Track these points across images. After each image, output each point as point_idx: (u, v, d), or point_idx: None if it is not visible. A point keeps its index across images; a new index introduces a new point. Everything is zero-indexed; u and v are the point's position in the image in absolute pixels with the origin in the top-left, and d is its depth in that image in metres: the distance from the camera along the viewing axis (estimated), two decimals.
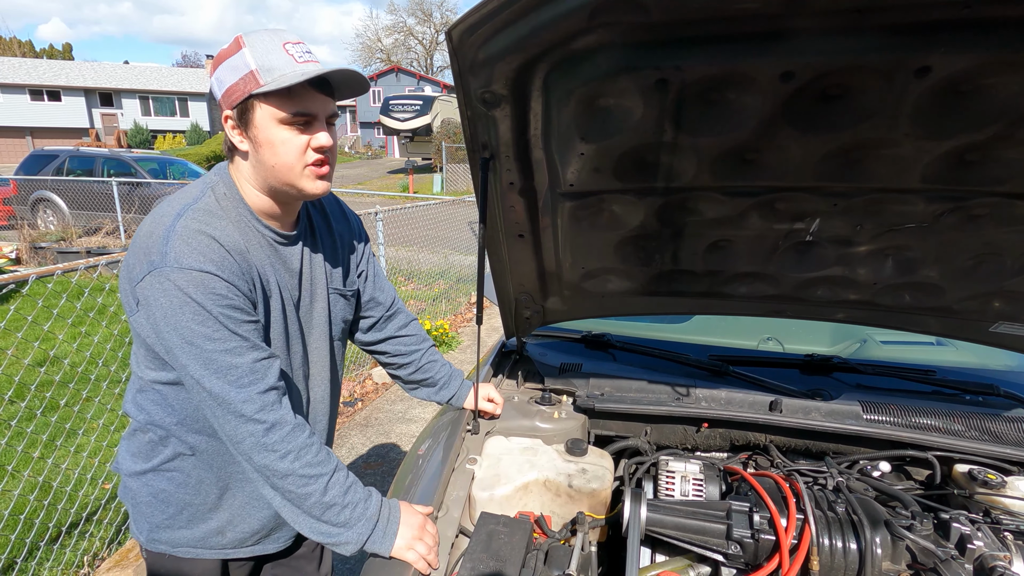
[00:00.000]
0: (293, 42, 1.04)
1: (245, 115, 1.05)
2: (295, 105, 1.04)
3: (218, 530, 1.25)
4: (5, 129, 31.84)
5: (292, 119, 1.04)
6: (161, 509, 1.22)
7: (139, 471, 1.22)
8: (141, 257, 1.03)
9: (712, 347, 1.93)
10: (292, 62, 1.02)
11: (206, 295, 1.00)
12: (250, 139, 1.07)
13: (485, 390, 1.58)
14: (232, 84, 1.03)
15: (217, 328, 1.01)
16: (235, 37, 1.05)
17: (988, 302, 1.38)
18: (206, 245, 1.03)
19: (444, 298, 6.74)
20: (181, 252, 1.00)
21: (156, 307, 1.01)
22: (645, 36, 0.88)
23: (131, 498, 1.26)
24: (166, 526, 1.23)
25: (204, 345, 1.01)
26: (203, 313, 1.00)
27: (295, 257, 1.22)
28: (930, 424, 1.45)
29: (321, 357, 1.33)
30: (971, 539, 1.10)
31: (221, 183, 1.13)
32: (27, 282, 2.16)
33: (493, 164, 1.16)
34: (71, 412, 3.35)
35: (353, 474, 1.17)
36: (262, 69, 1.01)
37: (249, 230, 1.13)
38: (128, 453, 1.24)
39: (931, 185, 1.09)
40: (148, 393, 1.17)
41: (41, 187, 10.73)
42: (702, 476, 1.32)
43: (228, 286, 1.03)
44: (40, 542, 2.49)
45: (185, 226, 1.03)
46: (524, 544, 1.12)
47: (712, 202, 1.23)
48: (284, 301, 1.19)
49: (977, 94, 0.89)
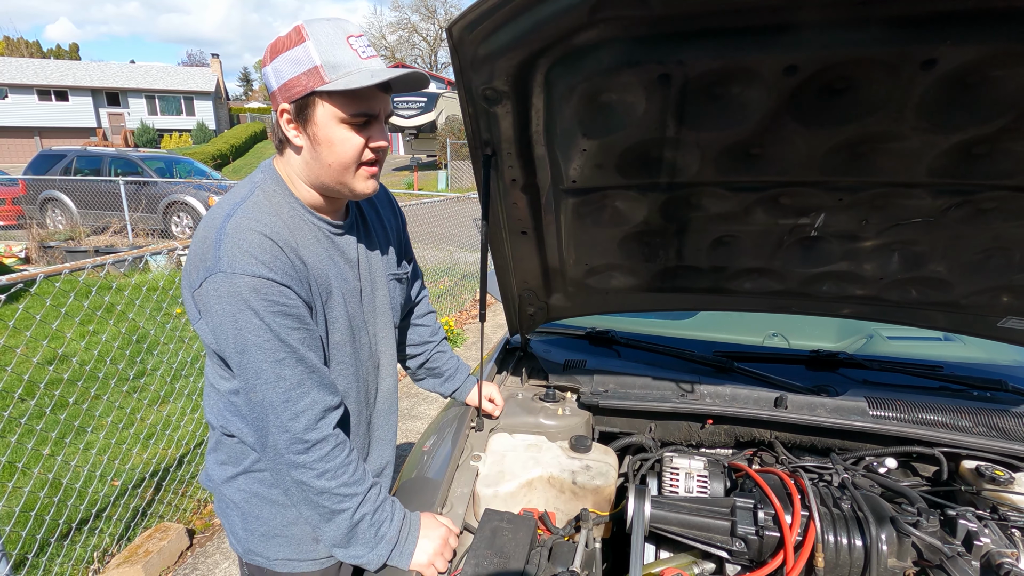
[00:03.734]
0: (355, 35, 1.00)
1: (305, 111, 1.01)
2: (359, 105, 1.01)
3: (313, 537, 1.22)
4: (14, 129, 32.11)
5: (354, 118, 1.01)
6: (255, 516, 1.19)
7: (230, 476, 1.20)
8: (198, 263, 1.01)
9: (717, 343, 1.93)
10: (357, 58, 0.98)
11: (259, 300, 0.98)
12: (308, 135, 1.03)
13: (487, 389, 1.58)
14: (293, 78, 0.98)
15: (269, 338, 0.99)
16: (295, 26, 0.99)
17: (996, 297, 1.36)
18: (257, 245, 1.00)
19: (449, 295, 6.75)
20: (234, 256, 0.98)
21: (213, 314, 0.99)
22: (647, 30, 0.87)
23: (226, 509, 1.23)
24: (261, 535, 1.20)
25: (255, 355, 0.99)
26: (255, 321, 0.98)
27: (351, 246, 1.19)
28: (937, 420, 1.43)
29: (388, 346, 1.31)
30: (978, 536, 1.09)
31: (269, 179, 1.10)
32: (35, 281, 2.18)
33: (495, 161, 1.16)
34: (80, 410, 3.38)
35: (384, 490, 1.17)
36: (327, 65, 0.97)
37: (303, 224, 1.10)
38: (216, 463, 1.22)
39: (938, 179, 1.08)
40: (224, 403, 1.16)
41: (49, 187, 10.82)
42: (706, 473, 1.32)
43: (281, 289, 1.00)
44: (51, 538, 2.52)
45: (236, 226, 1.00)
46: (528, 541, 1.12)
47: (716, 197, 1.22)
48: (346, 294, 1.16)
49: (985, 86, 0.87)
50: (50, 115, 32.82)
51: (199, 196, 10.33)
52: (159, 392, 3.86)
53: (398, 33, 45.48)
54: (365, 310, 1.23)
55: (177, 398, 3.76)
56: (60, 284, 2.97)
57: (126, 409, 3.70)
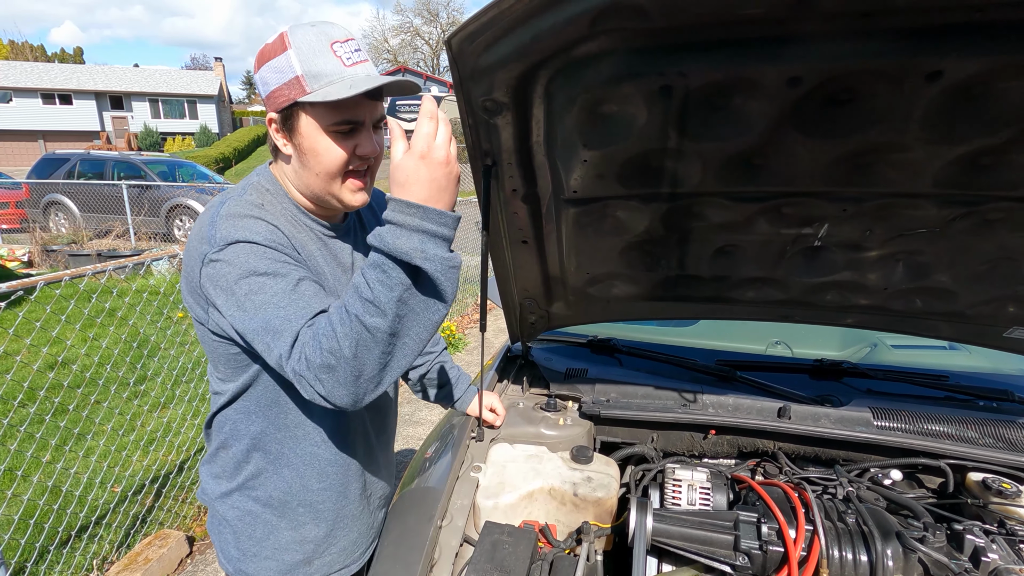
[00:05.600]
0: (341, 40, 0.98)
1: (289, 120, 1.00)
2: (341, 114, 0.98)
3: (304, 560, 1.20)
4: (18, 133, 32.23)
5: (338, 128, 1.00)
6: (249, 535, 1.17)
7: (225, 492, 1.18)
8: (195, 257, 0.99)
9: (719, 352, 1.91)
10: (340, 66, 0.96)
11: (258, 256, 0.95)
12: (294, 145, 1.03)
13: (488, 399, 1.56)
14: (276, 88, 0.98)
15: (270, 277, 0.94)
16: (280, 33, 0.98)
17: (1002, 307, 1.35)
18: (252, 224, 0.98)
19: None
20: (228, 231, 0.96)
21: (218, 286, 0.95)
22: (648, 42, 0.86)
23: (219, 526, 1.21)
24: (252, 555, 1.18)
25: (262, 289, 0.93)
26: (257, 270, 0.94)
27: (345, 252, 1.18)
28: (942, 431, 1.42)
29: None
30: (985, 551, 1.07)
31: (264, 181, 1.10)
32: (35, 288, 2.18)
33: (495, 171, 1.15)
34: (80, 416, 3.38)
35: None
36: (308, 75, 0.95)
37: (296, 223, 1.09)
38: (211, 477, 1.20)
39: (943, 190, 1.07)
40: (228, 409, 1.14)
41: (53, 190, 10.86)
42: (709, 485, 1.31)
43: (277, 253, 0.97)
44: (50, 546, 2.51)
45: (229, 211, 0.99)
46: (529, 554, 1.11)
47: (718, 207, 1.21)
48: (339, 293, 1.13)
49: (990, 98, 0.87)
50: (54, 119, 32.96)
51: (202, 200, 10.36)
52: (160, 398, 3.85)
53: (400, 37, 45.69)
54: None
55: (178, 403, 3.75)
56: (61, 290, 2.96)
57: (127, 415, 3.69)
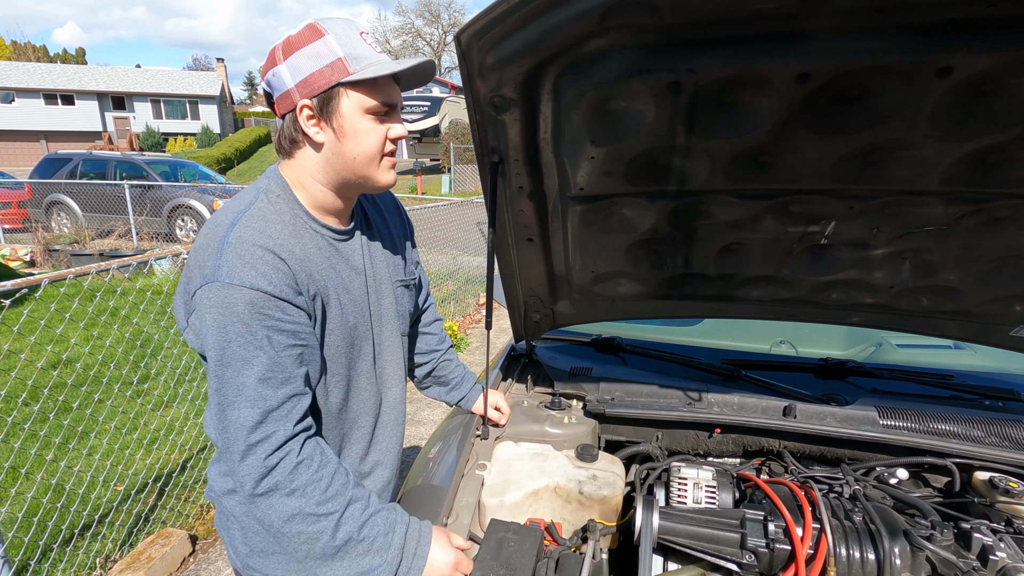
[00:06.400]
0: (365, 32, 1.04)
1: (329, 103, 1.01)
2: (382, 95, 1.03)
3: None
4: (20, 133, 32.32)
5: (378, 108, 1.03)
6: (256, 530, 1.16)
7: (232, 488, 1.17)
8: (196, 271, 1.00)
9: (724, 350, 1.91)
10: (373, 52, 1.02)
11: (253, 314, 0.96)
12: (333, 129, 1.03)
13: (493, 398, 1.56)
14: (315, 71, 0.99)
15: (257, 354, 0.96)
16: (307, 24, 1.01)
17: (1009, 306, 1.34)
18: (259, 257, 0.98)
19: (452, 299, 6.74)
20: (233, 267, 0.96)
21: (204, 323, 0.97)
22: (657, 38, 0.86)
23: (227, 522, 1.20)
24: (260, 551, 1.17)
25: (240, 369, 0.96)
26: (246, 335, 0.96)
27: (356, 252, 1.19)
28: (949, 430, 1.42)
29: (394, 356, 1.29)
30: (993, 550, 1.07)
31: (274, 185, 1.10)
32: (40, 286, 2.18)
33: (502, 168, 1.15)
34: (83, 415, 3.38)
35: (376, 501, 1.08)
36: (350, 57, 0.99)
37: (305, 232, 1.09)
38: (219, 474, 1.20)
39: (951, 187, 1.07)
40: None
41: (55, 190, 10.87)
42: (715, 483, 1.30)
43: (279, 304, 0.98)
44: (53, 544, 2.51)
45: (239, 237, 0.99)
46: (534, 552, 1.11)
47: (725, 205, 1.21)
48: (347, 304, 1.14)
49: (1000, 94, 0.86)
50: (56, 119, 33.03)
51: (203, 200, 10.37)
52: (163, 396, 3.85)
53: (402, 38, 45.66)
54: (372, 318, 1.22)
55: (181, 402, 3.75)
56: (65, 288, 2.97)
57: (130, 413, 3.70)
